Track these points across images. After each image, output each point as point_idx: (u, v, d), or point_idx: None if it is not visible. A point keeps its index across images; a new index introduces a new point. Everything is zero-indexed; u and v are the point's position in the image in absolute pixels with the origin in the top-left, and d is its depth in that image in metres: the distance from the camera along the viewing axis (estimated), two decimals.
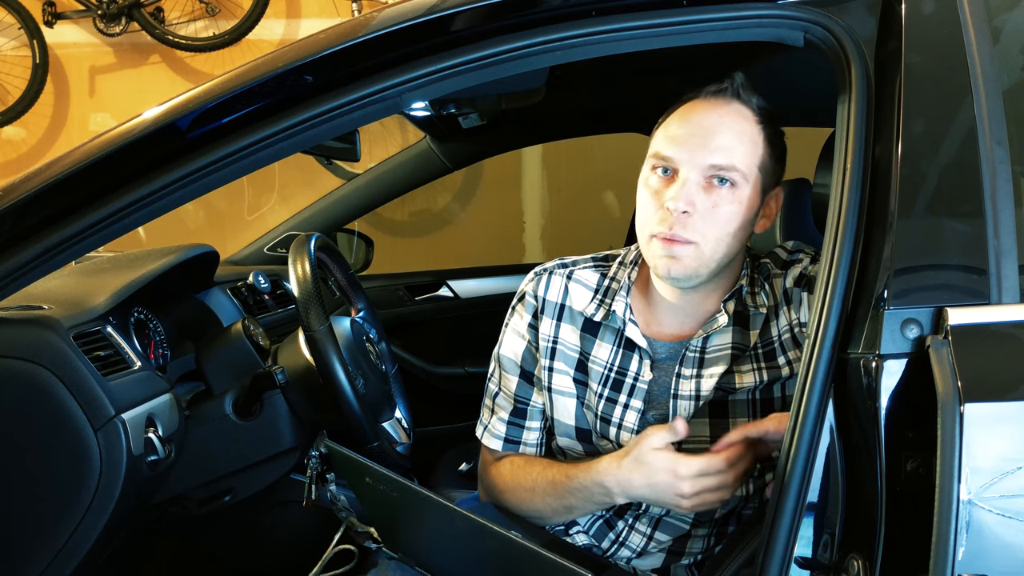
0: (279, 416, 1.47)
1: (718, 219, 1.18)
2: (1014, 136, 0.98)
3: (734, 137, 1.19)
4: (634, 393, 1.29)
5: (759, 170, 1.21)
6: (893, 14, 1.05)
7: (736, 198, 1.19)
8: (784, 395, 1.25)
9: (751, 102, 1.23)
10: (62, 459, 1.20)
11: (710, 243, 1.19)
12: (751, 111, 1.22)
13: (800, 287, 1.25)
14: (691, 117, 1.22)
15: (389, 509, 1.19)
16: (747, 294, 1.28)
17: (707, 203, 1.18)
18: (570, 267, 1.37)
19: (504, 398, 1.39)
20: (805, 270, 1.26)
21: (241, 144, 1.07)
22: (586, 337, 1.33)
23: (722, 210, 1.18)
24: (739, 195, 1.19)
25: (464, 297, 2.60)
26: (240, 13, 3.80)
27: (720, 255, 1.20)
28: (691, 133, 1.20)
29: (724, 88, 1.23)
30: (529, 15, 1.08)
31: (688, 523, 1.29)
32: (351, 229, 2.57)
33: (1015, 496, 0.86)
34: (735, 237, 1.20)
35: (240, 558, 1.80)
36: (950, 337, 0.90)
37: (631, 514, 1.31)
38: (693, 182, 1.18)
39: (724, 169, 1.18)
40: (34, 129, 4.02)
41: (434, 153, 2.40)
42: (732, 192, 1.19)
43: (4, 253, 1.08)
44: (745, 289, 1.27)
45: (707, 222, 1.18)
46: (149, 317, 1.59)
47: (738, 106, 1.22)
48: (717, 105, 1.22)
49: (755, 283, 1.29)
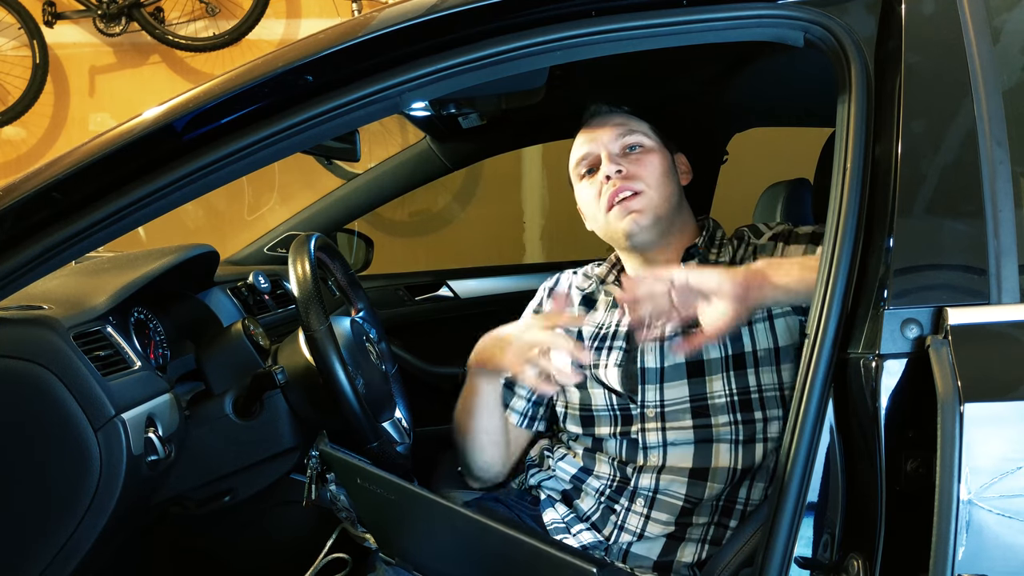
0: (279, 416, 1.47)
1: (647, 166, 1.42)
2: (1014, 136, 0.98)
3: (622, 119, 1.47)
4: (616, 336, 1.45)
5: (654, 132, 1.47)
6: (893, 14, 1.05)
7: (650, 150, 1.44)
8: (755, 348, 1.34)
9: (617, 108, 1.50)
10: (62, 459, 1.20)
11: (652, 186, 1.40)
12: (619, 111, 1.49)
13: (776, 240, 1.42)
14: (583, 132, 1.50)
15: (386, 513, 1.18)
16: (708, 253, 1.45)
17: (631, 162, 1.42)
18: (576, 268, 1.62)
19: None
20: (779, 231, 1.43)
21: (241, 144, 1.07)
22: (582, 309, 1.53)
23: (645, 160, 1.43)
24: (651, 149, 1.45)
25: (464, 297, 2.60)
26: (240, 13, 3.80)
27: (666, 194, 1.42)
28: (592, 131, 1.47)
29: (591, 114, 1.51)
30: (529, 15, 1.08)
31: (681, 500, 1.33)
32: (351, 229, 2.57)
33: (1015, 496, 0.86)
34: (668, 178, 1.43)
35: (240, 558, 1.80)
36: (950, 337, 0.90)
37: (626, 494, 1.37)
38: (614, 154, 1.43)
39: (627, 136, 1.44)
40: (34, 129, 4.02)
41: (434, 153, 2.40)
42: (644, 151, 1.44)
43: (4, 253, 1.08)
44: (699, 248, 1.44)
45: (640, 172, 1.41)
46: (149, 317, 1.59)
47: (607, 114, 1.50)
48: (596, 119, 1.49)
49: (720, 245, 1.47)
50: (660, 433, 1.36)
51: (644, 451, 1.37)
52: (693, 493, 1.33)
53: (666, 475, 1.35)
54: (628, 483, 1.37)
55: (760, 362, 1.34)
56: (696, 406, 1.35)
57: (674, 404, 1.36)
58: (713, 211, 2.40)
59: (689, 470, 1.34)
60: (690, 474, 1.34)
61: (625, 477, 1.38)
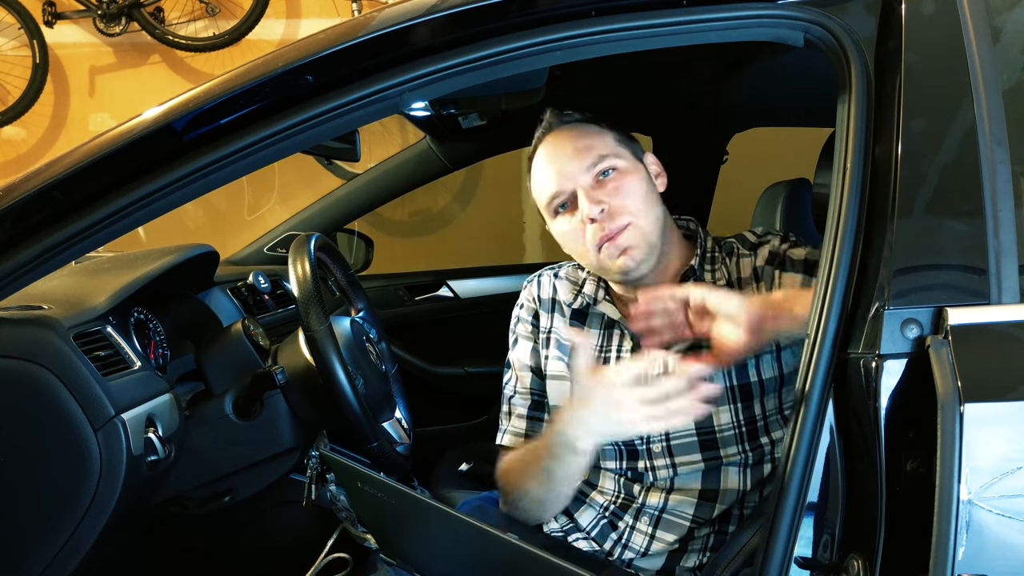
0: (279, 416, 1.47)
1: (627, 194, 1.29)
2: (1014, 136, 0.98)
3: (583, 141, 1.32)
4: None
5: (620, 145, 1.34)
6: (893, 14, 1.05)
7: (624, 173, 1.31)
8: (760, 378, 1.29)
9: (566, 118, 1.36)
10: (62, 459, 1.20)
11: (639, 215, 1.29)
12: (573, 121, 1.36)
13: (772, 265, 1.32)
14: (544, 157, 1.35)
15: (386, 516, 1.18)
16: (704, 273, 1.36)
17: (610, 192, 1.29)
18: (556, 268, 1.50)
19: (521, 396, 1.43)
20: (774, 248, 1.33)
21: (241, 144, 1.07)
22: (575, 325, 1.43)
23: (624, 187, 1.30)
24: (624, 171, 1.31)
25: (464, 297, 2.60)
26: (240, 13, 3.80)
27: (653, 219, 1.31)
28: (553, 162, 1.33)
29: (544, 129, 1.37)
30: (529, 15, 1.08)
31: (688, 520, 1.30)
32: (351, 229, 2.57)
33: (1015, 496, 0.86)
34: (651, 199, 1.32)
35: (240, 558, 1.80)
36: (950, 337, 0.90)
37: (631, 513, 1.33)
38: (588, 187, 1.29)
39: (598, 163, 1.30)
40: (34, 129, 4.02)
41: (434, 153, 2.40)
42: (618, 173, 1.31)
43: (4, 253, 1.08)
44: (698, 270, 1.35)
45: (623, 203, 1.28)
46: (149, 317, 1.59)
47: (562, 128, 1.35)
48: (553, 138, 1.35)
49: (714, 260, 1.38)
50: (669, 469, 1.32)
51: (652, 472, 1.33)
52: (701, 513, 1.30)
53: (675, 496, 1.31)
54: (634, 501, 1.34)
55: (766, 390, 1.30)
56: (704, 439, 1.31)
57: (681, 438, 1.31)
58: (713, 211, 2.40)
59: (699, 492, 1.31)
60: (700, 496, 1.31)
61: (631, 495, 1.35)
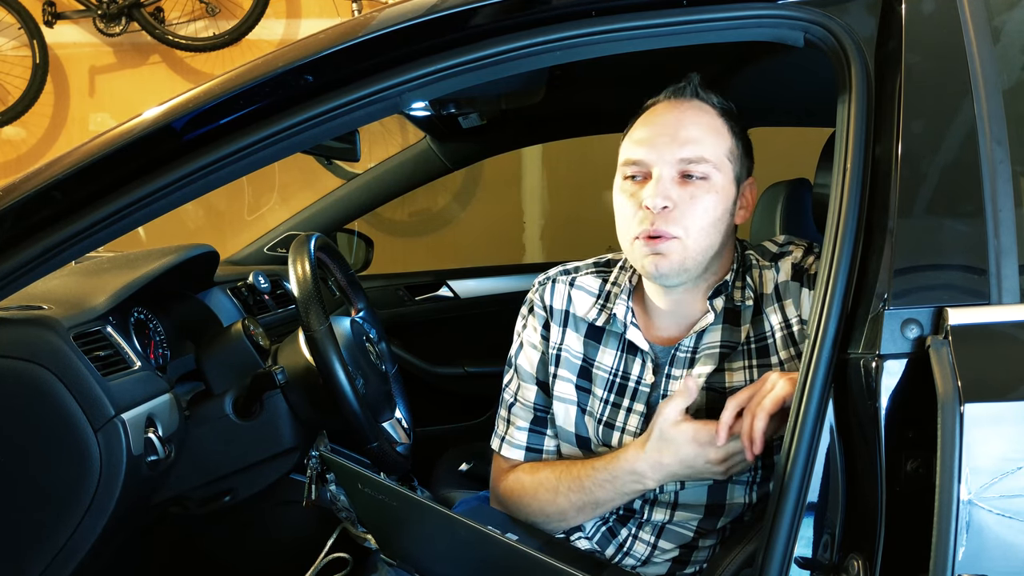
0: (279, 416, 1.47)
1: (697, 210, 1.19)
2: (1014, 136, 0.98)
3: (699, 130, 1.22)
4: (636, 396, 1.29)
5: (728, 159, 1.23)
6: (893, 14, 1.05)
7: (711, 188, 1.20)
8: None
9: (710, 99, 1.25)
10: (62, 459, 1.20)
11: (692, 235, 1.19)
12: (711, 106, 1.25)
13: (798, 282, 1.25)
14: (654, 119, 1.25)
15: (387, 517, 1.18)
16: (735, 289, 1.28)
17: (684, 196, 1.19)
18: (572, 274, 1.38)
19: (522, 408, 1.38)
20: (797, 261, 1.27)
21: (241, 144, 1.07)
22: (590, 343, 1.33)
23: (699, 201, 1.20)
24: (713, 185, 1.21)
25: (464, 297, 2.60)
26: (240, 13, 3.80)
27: (703, 247, 1.21)
28: (658, 133, 1.22)
29: (682, 87, 1.26)
30: (529, 15, 1.08)
31: (692, 531, 1.28)
32: (351, 229, 2.57)
33: (1015, 496, 0.86)
34: (715, 228, 1.21)
35: (240, 558, 1.80)
36: (950, 337, 0.90)
37: (634, 522, 1.31)
38: (667, 178, 1.19)
39: (695, 161, 1.20)
40: (34, 129, 4.02)
41: (434, 153, 2.40)
42: (706, 183, 1.20)
43: (4, 253, 1.08)
44: (731, 285, 1.27)
45: (687, 214, 1.19)
46: (149, 317, 1.59)
47: (698, 103, 1.25)
48: (678, 104, 1.25)
49: (744, 275, 1.29)
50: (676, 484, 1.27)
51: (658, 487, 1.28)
52: (705, 525, 1.28)
53: (680, 511, 1.28)
54: (635, 513, 1.30)
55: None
56: None
57: None
58: None
59: (704, 507, 1.27)
60: (705, 511, 1.27)
61: (631, 507, 1.31)
